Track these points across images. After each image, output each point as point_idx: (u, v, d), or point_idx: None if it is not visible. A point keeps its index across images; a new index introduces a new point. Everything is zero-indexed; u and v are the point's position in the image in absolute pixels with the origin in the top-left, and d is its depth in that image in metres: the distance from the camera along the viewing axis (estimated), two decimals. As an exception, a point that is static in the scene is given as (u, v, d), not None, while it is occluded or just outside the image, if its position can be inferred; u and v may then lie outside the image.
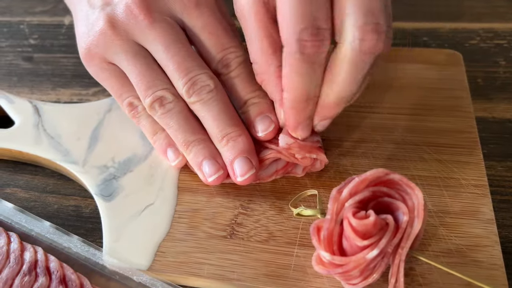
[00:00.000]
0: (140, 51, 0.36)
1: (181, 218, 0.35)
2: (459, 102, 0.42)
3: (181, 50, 0.35)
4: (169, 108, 0.36)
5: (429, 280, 0.31)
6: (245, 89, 0.36)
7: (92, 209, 0.38)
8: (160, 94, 0.35)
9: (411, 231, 0.28)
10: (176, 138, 0.36)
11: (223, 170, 0.36)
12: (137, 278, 0.32)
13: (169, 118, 0.36)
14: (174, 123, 0.36)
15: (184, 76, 0.35)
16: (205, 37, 0.36)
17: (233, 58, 0.36)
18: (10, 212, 0.36)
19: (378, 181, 0.29)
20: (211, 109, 0.35)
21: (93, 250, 0.34)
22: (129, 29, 0.36)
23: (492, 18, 0.55)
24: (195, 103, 0.35)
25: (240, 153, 0.35)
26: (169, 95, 0.36)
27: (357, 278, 0.29)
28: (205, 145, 0.36)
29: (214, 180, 0.36)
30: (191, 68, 0.35)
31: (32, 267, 0.32)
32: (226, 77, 0.36)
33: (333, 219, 0.28)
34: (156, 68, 0.36)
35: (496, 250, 0.32)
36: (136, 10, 0.35)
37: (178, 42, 0.35)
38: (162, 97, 0.35)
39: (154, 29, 0.35)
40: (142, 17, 0.35)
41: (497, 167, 0.39)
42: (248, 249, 0.33)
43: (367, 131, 0.41)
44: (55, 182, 0.41)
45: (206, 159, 0.36)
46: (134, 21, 0.35)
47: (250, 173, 0.35)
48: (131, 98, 0.38)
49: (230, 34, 0.36)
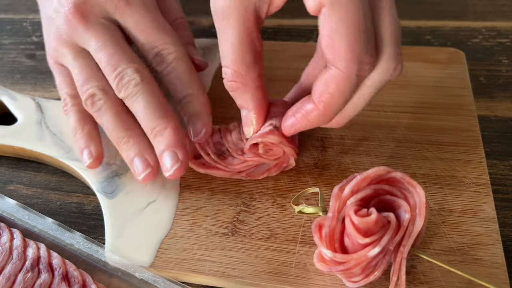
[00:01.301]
0: (81, 52, 0.38)
1: (183, 215, 0.35)
2: (461, 100, 0.42)
3: (113, 47, 0.36)
4: (99, 106, 0.36)
5: (430, 278, 0.31)
6: (180, 86, 0.37)
7: (95, 206, 0.38)
8: (91, 92, 0.36)
9: (413, 229, 0.28)
10: (110, 135, 0.37)
11: (153, 167, 0.35)
12: (139, 275, 0.32)
13: (100, 115, 0.36)
14: (105, 120, 0.36)
15: (113, 71, 0.36)
16: (138, 35, 0.38)
17: (166, 55, 0.37)
18: (13, 208, 0.36)
19: (380, 179, 0.29)
20: (139, 103, 0.35)
21: (96, 246, 0.34)
22: (70, 35, 0.38)
23: (495, 16, 0.55)
24: (125, 98, 0.36)
25: (166, 147, 0.34)
26: (99, 92, 0.36)
27: (359, 275, 0.29)
28: (136, 141, 0.36)
29: (144, 177, 0.35)
30: (119, 63, 0.36)
31: (34, 263, 0.32)
32: (161, 74, 0.37)
33: (335, 216, 0.29)
34: (93, 67, 0.37)
35: (497, 249, 0.32)
36: (71, 16, 0.37)
37: (111, 41, 0.37)
38: (93, 95, 0.36)
39: (89, 31, 0.37)
40: (77, 22, 0.37)
41: (499, 165, 0.39)
42: (249, 247, 0.33)
43: (369, 129, 0.41)
44: (58, 179, 0.41)
45: (136, 156, 0.36)
46: (73, 27, 0.37)
47: (174, 168, 0.34)
48: (65, 95, 0.40)
49: (165, 31, 0.38)
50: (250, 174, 0.37)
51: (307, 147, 0.39)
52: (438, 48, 0.49)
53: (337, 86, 0.30)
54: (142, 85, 0.35)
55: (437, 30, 0.54)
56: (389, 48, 0.30)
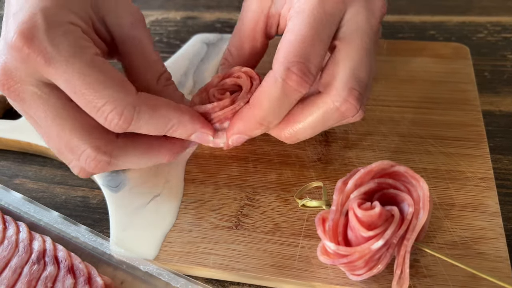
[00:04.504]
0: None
1: (187, 209, 0.36)
2: (465, 95, 0.42)
3: (54, 126, 0.30)
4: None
5: (433, 271, 0.31)
6: (155, 130, 0.31)
7: (100, 200, 0.39)
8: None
9: (416, 222, 0.28)
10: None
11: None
12: (143, 268, 0.32)
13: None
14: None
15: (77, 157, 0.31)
16: (74, 97, 0.29)
17: (111, 120, 0.29)
18: (19, 202, 0.36)
19: (384, 173, 0.29)
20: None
21: (101, 240, 0.34)
22: (10, 100, 0.32)
23: (500, 11, 0.55)
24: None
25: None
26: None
27: (362, 268, 0.29)
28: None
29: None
30: (76, 146, 0.31)
31: (40, 256, 0.32)
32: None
33: (339, 210, 0.29)
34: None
35: (501, 243, 0.32)
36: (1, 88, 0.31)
37: (50, 117, 0.30)
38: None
39: (22, 107, 0.31)
40: (8, 93, 0.31)
41: (503, 160, 0.39)
42: (253, 240, 0.33)
43: (373, 123, 0.41)
44: (63, 173, 0.41)
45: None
46: (7, 95, 0.31)
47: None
48: None
49: (101, 86, 0.29)
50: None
51: (310, 141, 0.40)
52: (443, 43, 0.48)
53: (265, 85, 0.31)
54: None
55: (441, 25, 0.54)
56: (337, 82, 0.31)
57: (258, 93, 0.32)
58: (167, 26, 0.57)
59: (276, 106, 0.31)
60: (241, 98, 0.33)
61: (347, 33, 0.32)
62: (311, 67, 0.31)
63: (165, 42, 0.55)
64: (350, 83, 0.31)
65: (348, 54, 0.32)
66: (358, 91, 0.31)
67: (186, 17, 0.59)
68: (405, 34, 0.53)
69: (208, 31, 0.54)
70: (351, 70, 0.31)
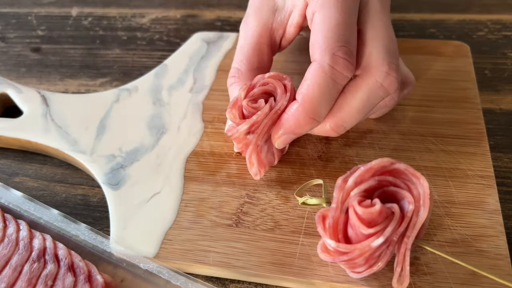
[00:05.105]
0: None
1: (187, 207, 0.36)
2: (466, 93, 0.42)
3: None
4: None
5: (434, 269, 0.31)
6: None
7: (100, 198, 0.39)
8: None
9: (416, 220, 0.28)
10: None
11: None
12: (144, 265, 0.32)
13: None
14: None
15: None
16: None
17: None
18: (19, 200, 0.36)
19: (384, 170, 0.29)
20: None
21: (101, 238, 0.34)
22: None
23: (501, 9, 0.55)
24: None
25: None
26: None
27: (362, 266, 0.29)
28: None
29: None
30: None
31: (40, 254, 0.32)
32: None
33: (339, 207, 0.29)
34: None
35: (501, 240, 0.32)
36: None
37: None
38: None
39: None
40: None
41: (504, 158, 0.39)
42: (253, 238, 0.33)
43: (374, 121, 0.41)
44: (63, 171, 0.41)
45: None
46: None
47: None
48: None
49: None
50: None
51: (311, 139, 0.40)
52: (443, 41, 0.48)
53: (313, 77, 0.31)
54: None
55: (442, 23, 0.53)
56: (374, 60, 0.32)
57: (307, 87, 0.31)
58: (167, 24, 0.57)
59: (328, 95, 0.32)
60: (280, 99, 0.34)
61: (369, 16, 0.34)
62: (353, 50, 0.32)
63: (165, 40, 0.55)
64: (387, 58, 0.32)
65: (376, 33, 0.33)
66: (394, 63, 0.33)
67: (186, 15, 0.59)
68: (406, 32, 0.53)
69: (208, 30, 0.54)
70: (383, 46, 0.33)
